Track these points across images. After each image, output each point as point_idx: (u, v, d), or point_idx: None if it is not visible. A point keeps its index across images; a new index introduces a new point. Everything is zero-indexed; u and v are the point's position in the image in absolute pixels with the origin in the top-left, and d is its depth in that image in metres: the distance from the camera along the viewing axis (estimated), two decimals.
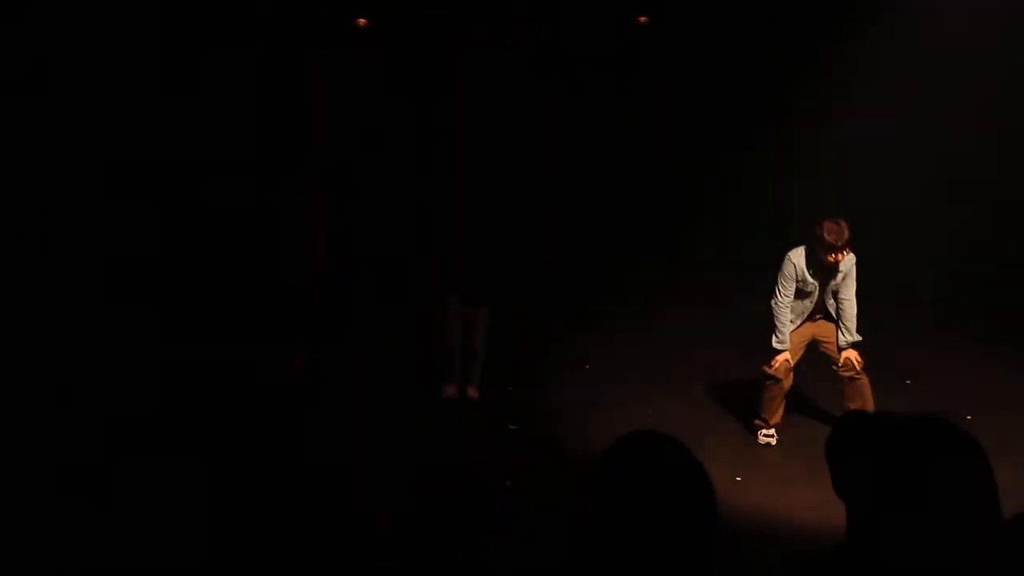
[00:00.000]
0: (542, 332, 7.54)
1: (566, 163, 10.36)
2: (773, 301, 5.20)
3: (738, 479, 4.71)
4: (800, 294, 5.19)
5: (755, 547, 3.71)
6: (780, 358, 5.20)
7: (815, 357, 5.75)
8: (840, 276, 5.10)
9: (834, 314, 5.22)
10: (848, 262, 5.06)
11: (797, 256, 5.11)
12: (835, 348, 5.23)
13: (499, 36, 9.49)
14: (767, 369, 5.24)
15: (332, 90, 8.83)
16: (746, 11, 9.19)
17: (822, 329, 5.31)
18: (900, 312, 8.51)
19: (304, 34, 8.54)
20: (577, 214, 10.37)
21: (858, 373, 5.15)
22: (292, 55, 8.50)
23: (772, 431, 5.39)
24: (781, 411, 5.39)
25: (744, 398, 6.08)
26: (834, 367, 5.27)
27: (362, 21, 9.27)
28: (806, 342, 5.34)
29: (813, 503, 4.34)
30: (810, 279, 5.09)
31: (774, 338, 5.22)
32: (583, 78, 10.38)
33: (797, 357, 5.32)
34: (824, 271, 5.07)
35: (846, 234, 4.90)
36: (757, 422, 5.43)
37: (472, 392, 6.09)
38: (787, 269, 5.12)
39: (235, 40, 7.91)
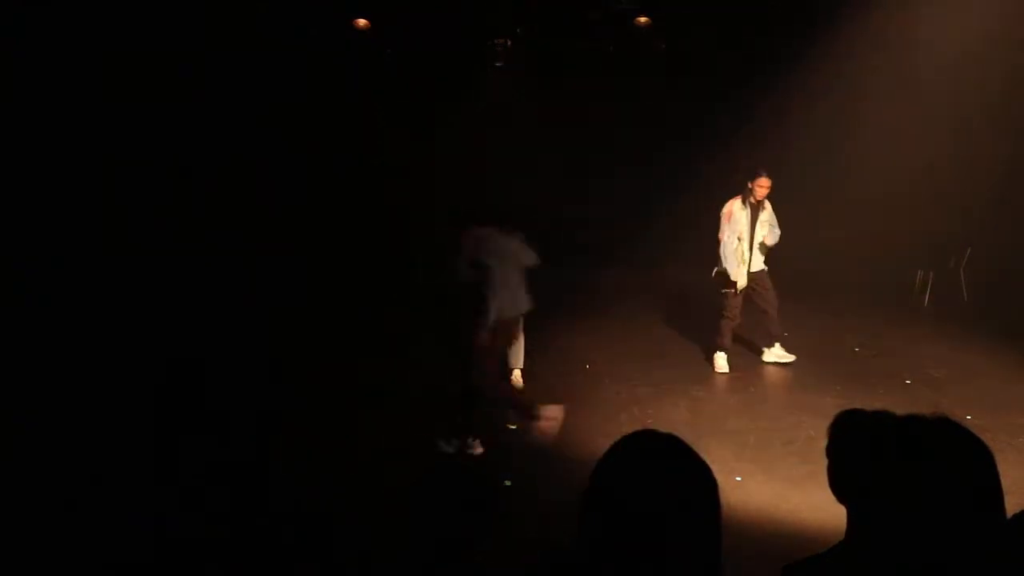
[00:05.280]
0: (542, 332, 7.53)
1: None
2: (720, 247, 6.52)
3: (738, 479, 4.71)
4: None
5: (755, 547, 3.71)
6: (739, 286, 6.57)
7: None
8: (766, 218, 6.50)
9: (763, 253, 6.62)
10: (769, 211, 6.53)
11: (732, 202, 6.53)
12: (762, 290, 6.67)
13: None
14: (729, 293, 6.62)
15: None
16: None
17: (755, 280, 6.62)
18: (900, 312, 8.52)
19: None
20: (579, 216, 10.39)
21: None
22: None
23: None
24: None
25: (744, 399, 6.08)
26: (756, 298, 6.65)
27: (362, 22, 9.25)
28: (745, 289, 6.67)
29: (813, 503, 4.34)
30: (744, 220, 6.44)
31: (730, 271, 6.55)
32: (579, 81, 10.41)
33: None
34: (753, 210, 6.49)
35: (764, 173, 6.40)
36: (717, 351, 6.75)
37: (515, 379, 6.26)
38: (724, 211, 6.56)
39: None
